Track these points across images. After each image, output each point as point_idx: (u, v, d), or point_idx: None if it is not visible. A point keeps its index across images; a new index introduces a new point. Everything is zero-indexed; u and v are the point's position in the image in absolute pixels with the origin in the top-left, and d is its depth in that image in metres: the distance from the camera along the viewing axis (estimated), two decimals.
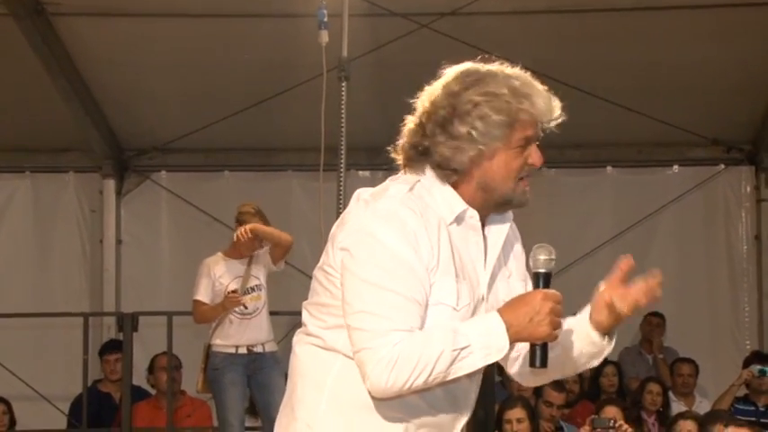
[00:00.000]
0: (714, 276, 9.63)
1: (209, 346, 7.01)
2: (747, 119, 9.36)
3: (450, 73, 2.60)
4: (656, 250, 9.64)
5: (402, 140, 2.62)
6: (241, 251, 7.08)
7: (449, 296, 2.54)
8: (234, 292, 6.92)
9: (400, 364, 2.42)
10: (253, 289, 7.01)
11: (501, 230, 2.69)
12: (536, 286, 2.58)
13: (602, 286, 2.69)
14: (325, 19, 6.57)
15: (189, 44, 8.49)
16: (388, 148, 2.68)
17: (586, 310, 2.69)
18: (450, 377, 2.47)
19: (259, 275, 7.05)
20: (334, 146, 6.66)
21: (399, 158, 2.64)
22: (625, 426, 6.64)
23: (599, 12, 8.26)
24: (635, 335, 9.47)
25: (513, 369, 2.76)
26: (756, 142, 9.54)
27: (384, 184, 2.63)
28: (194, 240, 9.60)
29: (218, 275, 7.06)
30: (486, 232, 2.66)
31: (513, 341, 2.48)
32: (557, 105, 2.64)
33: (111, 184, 9.59)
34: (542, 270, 2.58)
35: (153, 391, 8.36)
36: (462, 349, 2.44)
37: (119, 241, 9.65)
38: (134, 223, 9.75)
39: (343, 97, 6.62)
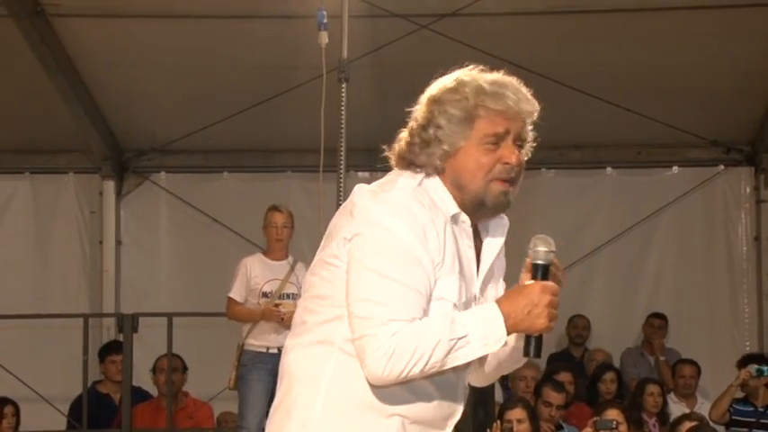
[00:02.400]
0: (713, 277, 9.62)
1: (242, 345, 7.04)
2: (747, 120, 9.36)
3: (435, 83, 2.68)
4: (656, 251, 9.64)
5: (398, 146, 2.68)
6: (278, 254, 7.10)
7: (451, 292, 2.58)
8: (265, 295, 6.95)
9: (398, 352, 2.45)
10: (289, 296, 6.99)
11: (496, 244, 2.72)
12: (534, 277, 2.57)
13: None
14: (325, 20, 6.58)
15: (188, 45, 8.49)
16: (385, 148, 2.72)
17: None
18: (448, 366, 2.49)
19: (298, 284, 7.00)
20: (334, 147, 6.67)
21: (393, 159, 2.69)
22: (623, 427, 6.65)
23: (598, 13, 8.26)
24: (637, 336, 9.47)
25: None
26: (756, 143, 9.54)
27: (390, 177, 2.66)
28: (194, 241, 9.61)
29: (254, 275, 7.09)
30: (482, 239, 2.69)
31: (510, 332, 2.51)
32: (532, 105, 2.65)
33: (110, 186, 9.58)
34: (541, 262, 2.58)
35: (154, 392, 8.36)
36: (460, 339, 2.47)
37: (118, 242, 9.64)
38: (133, 224, 9.75)
39: (343, 98, 6.63)
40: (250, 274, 7.08)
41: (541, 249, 2.58)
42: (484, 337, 2.48)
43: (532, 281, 2.56)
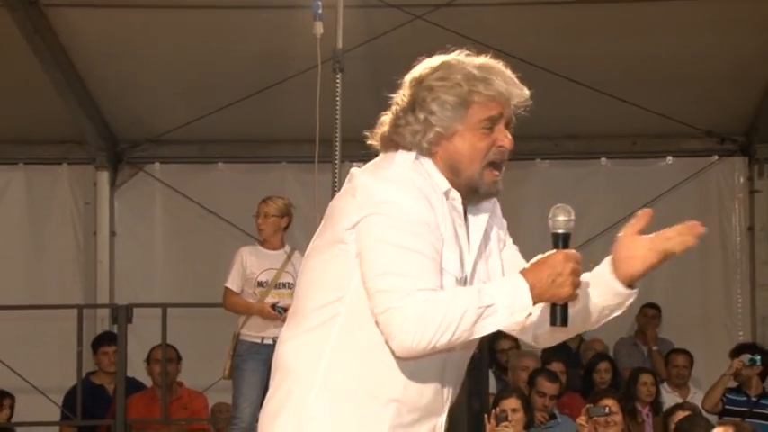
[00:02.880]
0: (707, 267, 9.64)
1: (238, 334, 7.04)
2: (741, 110, 9.37)
3: (418, 66, 2.71)
4: None
5: (380, 129, 2.72)
6: (273, 243, 7.10)
7: (452, 265, 2.61)
8: (261, 284, 6.95)
9: (426, 321, 2.44)
10: (285, 285, 6.99)
11: (481, 220, 2.74)
12: (555, 247, 2.60)
13: (623, 237, 2.76)
14: (320, 10, 6.57)
15: (183, 36, 8.48)
16: (368, 135, 2.76)
17: (604, 264, 2.77)
18: (474, 336, 2.50)
19: (294, 273, 7.01)
20: (329, 137, 6.66)
21: (376, 144, 2.73)
22: (618, 416, 6.69)
23: (593, 3, 8.27)
24: (630, 326, 9.49)
25: (527, 334, 2.77)
26: (750, 134, 9.56)
27: (384, 156, 2.69)
28: (188, 232, 9.61)
29: (249, 264, 7.08)
30: (467, 219, 2.72)
31: (536, 302, 2.52)
32: (520, 88, 2.68)
33: (104, 176, 9.57)
34: (561, 231, 2.61)
35: (148, 383, 8.36)
36: (487, 307, 2.47)
37: (112, 233, 9.64)
38: (128, 215, 9.74)
39: (338, 89, 6.62)
40: (245, 264, 7.08)
41: (561, 219, 2.62)
42: (511, 306, 2.49)
43: (554, 250, 2.58)
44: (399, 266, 2.48)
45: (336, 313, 2.57)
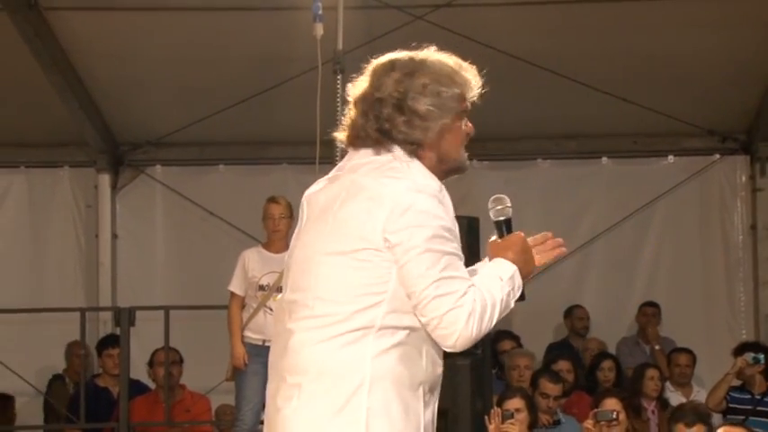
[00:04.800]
0: (710, 266, 9.64)
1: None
2: (742, 108, 9.36)
3: (379, 65, 2.99)
4: (652, 241, 9.65)
5: (354, 128, 2.93)
6: (277, 246, 7.08)
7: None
8: (262, 288, 6.95)
9: (483, 314, 2.72)
10: None
11: None
12: (500, 234, 2.91)
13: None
14: (320, 12, 6.57)
15: (183, 38, 8.48)
16: (336, 136, 2.99)
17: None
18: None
19: None
20: (330, 139, 6.65)
21: (346, 142, 2.97)
22: (623, 416, 6.70)
23: (593, 2, 8.25)
24: (631, 325, 9.49)
25: None
26: (751, 132, 9.55)
27: (388, 163, 2.79)
28: (189, 234, 9.61)
29: (251, 267, 7.06)
30: None
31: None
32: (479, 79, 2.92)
33: (105, 179, 9.57)
34: (503, 217, 2.92)
35: (152, 386, 8.36)
36: (507, 294, 2.81)
37: (114, 236, 9.64)
38: (129, 217, 9.74)
39: (339, 90, 6.61)
40: (248, 267, 7.07)
41: (497, 207, 2.91)
42: (514, 288, 2.82)
43: (504, 235, 2.90)
44: (448, 271, 2.71)
45: (375, 316, 2.71)
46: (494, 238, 2.93)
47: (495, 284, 2.78)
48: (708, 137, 9.57)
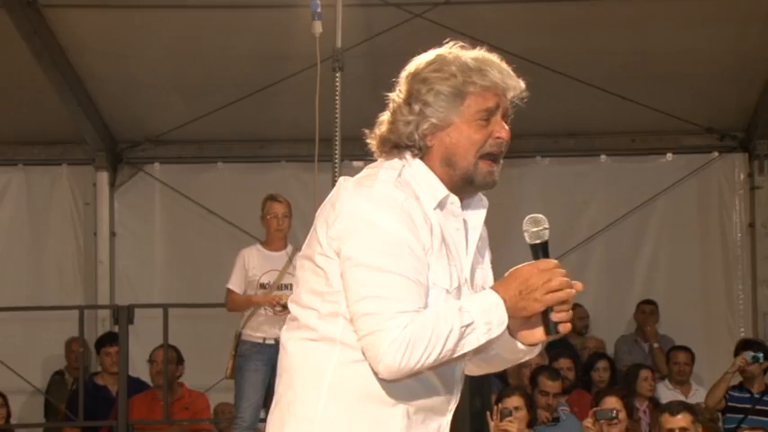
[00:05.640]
0: (708, 264, 9.64)
1: (239, 334, 7.03)
2: (740, 106, 9.36)
3: (414, 60, 2.69)
4: (650, 238, 9.65)
5: (379, 130, 2.69)
6: (277, 244, 7.06)
7: (443, 278, 2.58)
8: (263, 286, 6.94)
9: (412, 343, 2.43)
10: (287, 287, 6.96)
11: (479, 215, 2.73)
12: (535, 257, 2.57)
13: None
14: (319, 9, 6.57)
15: (182, 35, 8.48)
16: (366, 133, 2.73)
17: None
18: (457, 354, 2.49)
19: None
20: (329, 136, 6.66)
21: (373, 145, 2.70)
22: (623, 414, 6.71)
23: (592, 0, 8.25)
24: (629, 323, 9.49)
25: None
26: (749, 130, 9.55)
27: (369, 170, 2.66)
28: (188, 232, 9.60)
29: (251, 266, 7.05)
30: (464, 217, 2.69)
31: (511, 315, 2.50)
32: (515, 80, 2.66)
33: (104, 177, 9.56)
34: (538, 241, 2.58)
35: (152, 383, 8.35)
36: (467, 326, 2.46)
37: (112, 233, 9.63)
38: (128, 215, 9.73)
39: (338, 88, 6.62)
40: (248, 266, 7.06)
41: (533, 230, 2.59)
42: (488, 322, 2.48)
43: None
44: (380, 290, 2.46)
45: (337, 325, 2.56)
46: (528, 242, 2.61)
47: (450, 315, 2.46)
48: (706, 135, 9.57)
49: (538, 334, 2.59)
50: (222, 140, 9.58)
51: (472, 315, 2.47)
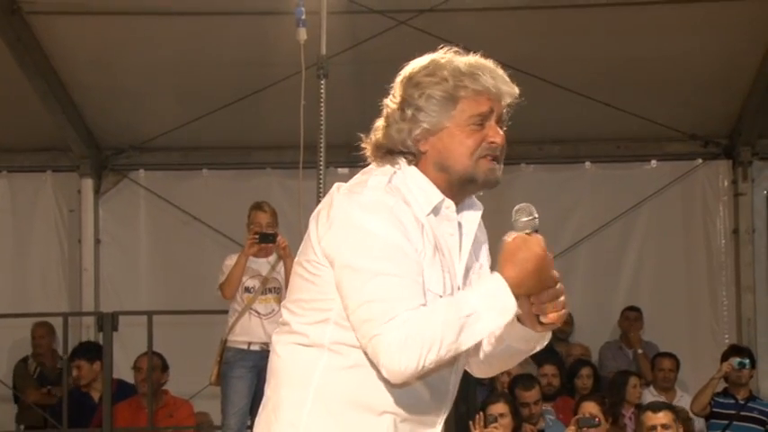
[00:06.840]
0: (692, 270, 9.67)
1: (225, 341, 7.02)
2: (724, 113, 9.40)
3: (408, 66, 2.68)
4: (635, 245, 9.67)
5: (374, 136, 2.67)
6: (262, 251, 7.05)
7: (436, 284, 2.56)
8: (248, 290, 6.93)
9: (409, 342, 2.40)
10: (271, 290, 6.97)
11: (473, 218, 2.71)
12: None
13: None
14: (303, 17, 6.57)
15: (166, 43, 8.47)
16: (362, 137, 2.70)
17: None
18: (464, 347, 2.45)
19: (281, 278, 6.99)
20: (314, 143, 6.66)
21: (368, 152, 2.68)
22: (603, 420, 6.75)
23: (576, 8, 8.28)
24: (613, 330, 9.50)
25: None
26: (733, 136, 9.58)
27: (360, 177, 2.64)
28: (173, 239, 9.58)
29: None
30: (459, 221, 2.67)
31: (517, 295, 2.46)
32: (509, 85, 2.63)
33: (89, 184, 9.54)
34: (529, 231, 2.57)
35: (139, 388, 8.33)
36: (468, 316, 2.42)
37: (97, 241, 9.61)
38: (112, 222, 9.71)
39: (322, 95, 6.62)
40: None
41: (523, 219, 2.57)
42: (492, 308, 2.44)
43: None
44: (376, 293, 2.44)
45: (325, 332, 2.56)
46: (507, 236, 2.56)
47: (445, 309, 2.43)
48: (690, 142, 9.60)
49: (551, 316, 2.54)
50: (207, 147, 9.57)
51: (472, 304, 2.43)
